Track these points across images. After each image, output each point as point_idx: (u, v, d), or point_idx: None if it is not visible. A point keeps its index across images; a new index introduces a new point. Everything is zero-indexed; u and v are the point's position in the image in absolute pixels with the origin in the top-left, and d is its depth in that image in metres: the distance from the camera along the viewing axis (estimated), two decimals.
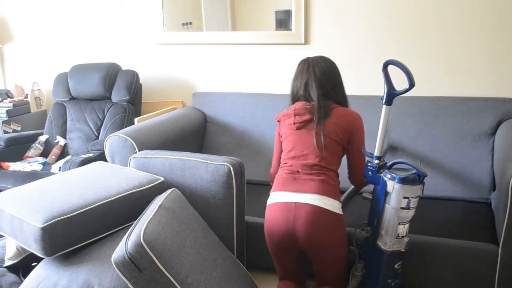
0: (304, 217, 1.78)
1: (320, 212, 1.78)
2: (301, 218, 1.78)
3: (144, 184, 1.97)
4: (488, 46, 2.56)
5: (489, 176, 2.36)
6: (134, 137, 2.38)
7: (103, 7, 3.38)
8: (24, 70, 3.74)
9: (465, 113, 2.47)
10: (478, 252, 1.90)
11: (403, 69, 1.81)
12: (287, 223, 1.80)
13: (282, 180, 1.91)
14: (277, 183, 1.92)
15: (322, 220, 1.78)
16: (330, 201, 1.82)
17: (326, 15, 2.83)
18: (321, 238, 1.79)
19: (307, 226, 1.77)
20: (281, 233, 1.83)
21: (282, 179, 1.91)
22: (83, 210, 1.74)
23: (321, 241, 1.80)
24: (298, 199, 1.81)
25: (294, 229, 1.79)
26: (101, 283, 1.60)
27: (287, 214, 1.80)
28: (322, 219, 1.78)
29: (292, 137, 1.96)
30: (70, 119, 3.24)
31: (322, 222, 1.78)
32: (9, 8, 3.65)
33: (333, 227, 1.80)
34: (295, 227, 1.79)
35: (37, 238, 1.64)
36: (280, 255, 1.93)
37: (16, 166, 2.95)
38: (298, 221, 1.78)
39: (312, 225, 1.77)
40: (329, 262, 1.86)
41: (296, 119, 1.95)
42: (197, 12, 3.15)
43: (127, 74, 3.16)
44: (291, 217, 1.79)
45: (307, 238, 1.79)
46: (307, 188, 1.84)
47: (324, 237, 1.79)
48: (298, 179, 1.87)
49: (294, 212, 1.80)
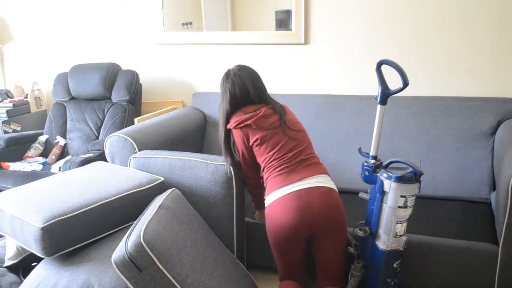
0: (319, 200, 1.81)
1: (331, 193, 1.85)
2: (316, 201, 1.80)
3: (144, 184, 1.97)
4: (488, 46, 2.56)
5: (489, 176, 2.36)
6: (134, 137, 2.38)
7: (103, 7, 3.38)
8: (24, 70, 3.74)
9: (465, 113, 2.47)
10: (478, 252, 1.90)
11: (396, 68, 1.82)
12: (302, 210, 1.80)
13: (280, 177, 1.89)
14: (274, 182, 1.90)
15: (334, 199, 1.85)
16: (330, 180, 1.92)
17: (326, 15, 2.83)
18: (336, 217, 1.84)
19: (324, 207, 1.81)
20: (295, 224, 1.81)
21: (277, 176, 1.90)
22: (83, 210, 1.74)
23: (336, 220, 1.85)
24: (307, 184, 1.83)
25: (310, 214, 1.80)
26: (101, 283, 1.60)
27: (301, 201, 1.81)
28: (334, 199, 1.85)
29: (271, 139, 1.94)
30: (70, 119, 3.24)
31: (335, 202, 1.85)
32: (9, 8, 3.65)
33: (341, 205, 1.88)
34: (312, 212, 1.80)
35: (37, 238, 1.64)
36: (287, 251, 1.91)
37: (16, 166, 2.95)
38: (314, 205, 1.80)
39: (328, 206, 1.82)
40: (339, 247, 1.90)
41: (270, 120, 1.94)
42: (197, 12, 3.15)
43: (127, 74, 3.16)
44: (306, 203, 1.80)
45: (325, 219, 1.82)
46: (310, 172, 1.87)
47: (338, 216, 1.85)
48: (296, 169, 1.89)
49: (307, 197, 1.81)
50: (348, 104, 2.69)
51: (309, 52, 2.92)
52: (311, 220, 1.81)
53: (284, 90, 3.02)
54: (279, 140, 1.93)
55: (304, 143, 1.95)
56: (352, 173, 2.56)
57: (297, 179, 1.86)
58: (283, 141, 1.92)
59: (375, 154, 1.93)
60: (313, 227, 1.83)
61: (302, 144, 1.94)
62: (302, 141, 1.95)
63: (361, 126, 2.62)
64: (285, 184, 1.86)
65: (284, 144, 1.92)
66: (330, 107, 2.73)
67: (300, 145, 1.94)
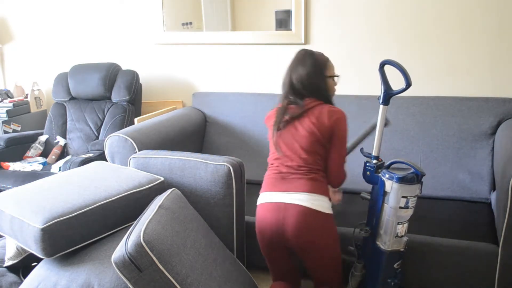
0: (293, 219, 1.77)
1: (309, 213, 1.77)
2: (290, 219, 1.77)
3: (144, 184, 1.97)
4: (488, 46, 2.56)
5: (489, 176, 2.36)
6: (134, 137, 2.38)
7: (103, 7, 3.38)
8: (24, 70, 3.74)
9: (465, 113, 2.47)
10: (478, 252, 1.90)
11: (399, 68, 1.81)
12: (277, 223, 1.80)
13: (270, 180, 1.90)
14: (265, 184, 1.92)
15: (311, 221, 1.77)
16: (319, 200, 1.79)
17: (326, 15, 2.83)
18: (310, 238, 1.78)
19: (296, 227, 1.76)
20: (271, 233, 1.83)
21: (270, 179, 1.90)
22: (83, 211, 1.74)
23: (310, 241, 1.79)
24: (287, 199, 1.80)
25: (283, 229, 1.79)
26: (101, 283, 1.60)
27: (277, 214, 1.80)
28: (311, 220, 1.77)
29: (274, 139, 1.92)
30: (70, 119, 3.24)
31: (311, 223, 1.77)
32: (9, 8, 3.65)
33: (322, 227, 1.79)
34: (285, 228, 1.78)
35: (37, 239, 1.64)
36: (272, 255, 1.93)
37: (16, 166, 2.95)
38: (287, 222, 1.78)
39: (301, 227, 1.76)
40: (321, 262, 1.85)
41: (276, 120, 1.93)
42: (197, 12, 3.14)
43: (127, 74, 3.16)
44: (281, 217, 1.79)
45: (297, 239, 1.78)
46: (295, 187, 1.82)
47: (313, 238, 1.79)
48: (287, 178, 1.85)
49: (283, 212, 1.79)
50: (348, 104, 2.69)
51: None
52: (284, 237, 1.80)
53: None
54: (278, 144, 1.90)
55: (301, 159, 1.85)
56: (352, 173, 2.56)
57: (282, 189, 1.83)
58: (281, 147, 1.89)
59: (377, 154, 1.93)
60: (288, 243, 1.82)
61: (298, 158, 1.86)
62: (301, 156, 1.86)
63: (361, 126, 2.62)
64: (271, 189, 1.86)
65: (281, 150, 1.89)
66: None
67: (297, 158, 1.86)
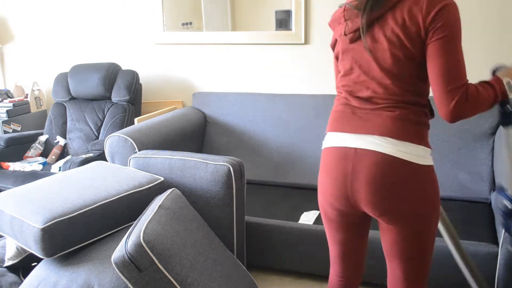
0: (367, 172, 1.26)
1: (391, 164, 1.24)
2: (363, 173, 1.26)
3: (144, 184, 1.97)
4: (488, 46, 2.56)
5: (489, 176, 2.36)
6: (134, 137, 2.38)
7: (103, 7, 3.38)
8: (24, 70, 3.74)
9: None
10: (478, 252, 1.90)
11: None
12: (345, 179, 1.30)
13: (338, 114, 1.38)
14: (332, 118, 1.40)
15: (395, 175, 1.24)
16: (409, 146, 1.25)
17: (326, 15, 2.83)
18: (394, 204, 1.27)
19: (371, 185, 1.26)
20: (336, 193, 1.34)
21: (337, 112, 1.38)
22: (83, 211, 1.74)
23: (394, 208, 1.27)
24: (359, 143, 1.28)
25: (352, 188, 1.30)
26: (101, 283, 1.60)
27: (344, 165, 1.30)
28: (395, 173, 1.24)
29: (343, 55, 1.38)
30: (70, 119, 3.24)
31: (394, 179, 1.24)
32: (9, 8, 3.65)
33: (412, 185, 1.25)
34: (354, 185, 1.29)
35: (37, 239, 1.64)
36: (335, 225, 1.43)
37: (16, 166, 2.95)
38: (359, 177, 1.27)
39: (379, 184, 1.25)
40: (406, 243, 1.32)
41: (348, 26, 1.33)
42: (197, 12, 3.15)
43: (127, 74, 3.17)
44: (349, 169, 1.29)
45: (373, 205, 1.28)
46: (371, 126, 1.28)
47: (399, 203, 1.26)
48: (359, 114, 1.32)
49: (353, 162, 1.28)
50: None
51: (309, 52, 2.92)
52: (356, 199, 1.31)
53: (284, 90, 3.02)
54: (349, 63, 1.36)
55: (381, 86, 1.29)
56: None
57: (352, 129, 1.31)
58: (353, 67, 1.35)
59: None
60: (358, 205, 1.33)
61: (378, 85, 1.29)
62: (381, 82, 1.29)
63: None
64: (338, 129, 1.35)
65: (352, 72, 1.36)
66: (330, 107, 2.72)
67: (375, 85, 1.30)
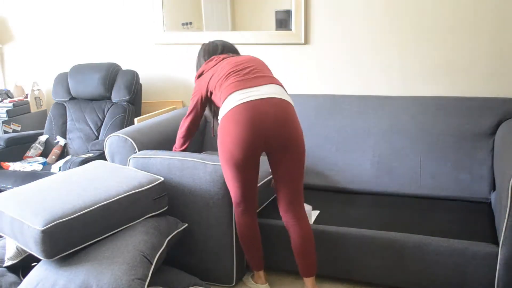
0: (273, 111, 1.79)
1: (285, 104, 1.84)
2: (270, 112, 1.78)
3: (144, 184, 1.97)
4: (488, 46, 2.56)
5: (489, 176, 2.35)
6: (134, 137, 2.38)
7: (103, 7, 3.38)
8: (24, 70, 3.74)
9: (465, 113, 2.46)
10: (478, 252, 1.90)
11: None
12: (255, 121, 1.77)
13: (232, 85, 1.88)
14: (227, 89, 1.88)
15: (290, 112, 1.84)
16: (287, 94, 1.92)
17: (326, 15, 2.83)
18: (293, 131, 1.83)
19: (278, 119, 1.78)
20: (248, 136, 1.78)
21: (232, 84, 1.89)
22: (83, 212, 1.73)
23: (294, 134, 1.83)
24: (258, 96, 1.80)
25: (264, 125, 1.77)
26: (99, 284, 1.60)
27: (252, 113, 1.78)
28: (290, 111, 1.84)
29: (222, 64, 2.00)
30: (70, 119, 3.24)
31: (290, 114, 1.84)
32: (9, 8, 3.65)
33: (297, 119, 1.88)
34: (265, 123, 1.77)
35: (37, 241, 1.64)
36: (241, 168, 1.85)
37: (16, 166, 2.95)
38: (268, 116, 1.78)
39: (283, 118, 1.80)
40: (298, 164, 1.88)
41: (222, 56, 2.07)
42: (197, 12, 3.14)
43: (127, 74, 3.16)
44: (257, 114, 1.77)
45: (281, 133, 1.79)
46: (262, 81, 1.87)
47: (295, 131, 1.84)
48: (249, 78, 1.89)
49: (258, 109, 1.78)
50: (348, 104, 2.69)
51: (309, 52, 2.92)
52: (265, 133, 1.78)
53: None
54: (228, 62, 1.98)
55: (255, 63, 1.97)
56: (351, 173, 2.56)
57: (248, 86, 1.83)
58: (231, 62, 1.97)
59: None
60: (268, 140, 1.80)
61: (253, 63, 1.97)
62: (253, 61, 1.98)
63: (361, 126, 2.62)
64: (236, 89, 1.84)
65: (232, 63, 1.96)
66: (330, 107, 2.72)
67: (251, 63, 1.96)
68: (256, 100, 1.79)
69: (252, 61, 1.98)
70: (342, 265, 2.13)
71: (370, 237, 2.05)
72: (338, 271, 2.16)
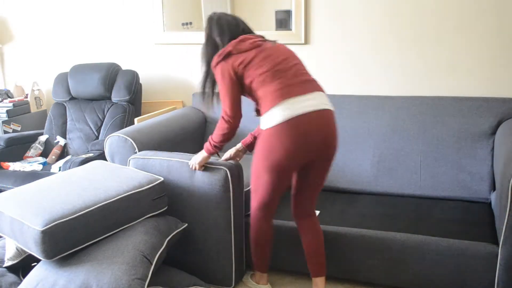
0: (332, 122, 1.83)
1: (330, 115, 1.86)
2: (331, 124, 1.83)
3: (144, 184, 1.97)
4: (488, 46, 2.56)
5: (489, 176, 2.35)
6: (134, 137, 2.38)
7: (103, 7, 3.38)
8: (24, 70, 3.74)
9: (465, 113, 2.46)
10: (478, 252, 1.90)
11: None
12: (326, 135, 1.80)
13: (278, 92, 1.80)
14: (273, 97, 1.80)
15: (334, 124, 1.87)
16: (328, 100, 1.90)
17: (326, 15, 2.83)
18: (335, 143, 1.87)
19: (323, 133, 1.80)
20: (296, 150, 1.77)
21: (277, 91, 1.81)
22: (83, 212, 1.73)
23: (334, 146, 1.87)
24: (306, 107, 1.77)
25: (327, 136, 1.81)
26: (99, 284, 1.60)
27: (301, 129, 1.76)
28: (333, 123, 1.87)
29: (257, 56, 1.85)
30: (70, 119, 3.24)
31: (334, 127, 1.87)
32: (9, 8, 3.65)
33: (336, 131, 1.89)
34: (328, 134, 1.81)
35: (37, 241, 1.64)
36: (282, 175, 1.85)
37: (16, 166, 2.95)
38: (330, 127, 1.82)
39: (328, 131, 1.82)
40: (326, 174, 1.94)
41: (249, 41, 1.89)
42: (197, 12, 3.14)
43: (127, 74, 3.16)
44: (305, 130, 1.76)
45: (324, 145, 1.82)
46: (308, 88, 1.82)
47: (335, 142, 1.88)
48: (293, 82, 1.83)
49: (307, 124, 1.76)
50: (348, 104, 2.69)
51: (309, 52, 2.92)
52: (316, 148, 1.80)
53: None
54: (268, 54, 1.85)
55: (295, 59, 1.91)
56: (351, 173, 2.56)
57: (297, 93, 1.78)
58: (273, 55, 1.86)
59: None
60: (316, 153, 1.82)
61: (294, 59, 1.90)
62: (293, 57, 1.91)
63: (361, 126, 2.62)
64: (286, 97, 1.77)
65: (274, 57, 1.85)
66: None
67: (292, 59, 1.89)
68: (310, 113, 1.77)
69: (293, 56, 1.91)
70: (342, 265, 2.13)
71: (370, 237, 2.05)
72: (338, 271, 2.16)
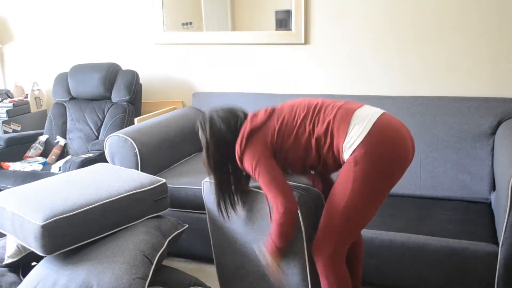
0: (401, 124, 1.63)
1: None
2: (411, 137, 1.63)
3: (146, 185, 1.97)
4: (488, 46, 2.56)
5: (489, 176, 2.36)
6: (134, 137, 2.39)
7: (103, 7, 3.38)
8: (24, 70, 3.74)
9: (465, 113, 2.47)
10: (478, 252, 1.90)
11: None
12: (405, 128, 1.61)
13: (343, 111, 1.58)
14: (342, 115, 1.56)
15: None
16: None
17: (326, 15, 2.83)
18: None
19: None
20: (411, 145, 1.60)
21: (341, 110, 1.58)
22: (83, 209, 1.74)
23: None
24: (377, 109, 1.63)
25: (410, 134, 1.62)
26: (100, 283, 1.60)
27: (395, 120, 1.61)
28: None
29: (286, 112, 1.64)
30: (70, 119, 3.24)
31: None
32: (9, 8, 3.65)
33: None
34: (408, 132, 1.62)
35: (37, 236, 1.64)
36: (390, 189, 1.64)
37: (16, 166, 2.95)
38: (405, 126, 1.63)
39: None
40: None
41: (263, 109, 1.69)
42: (197, 12, 3.15)
43: (127, 74, 3.16)
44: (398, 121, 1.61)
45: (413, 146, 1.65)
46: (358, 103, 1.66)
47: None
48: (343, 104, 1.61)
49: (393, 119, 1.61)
50: None
51: (309, 52, 2.92)
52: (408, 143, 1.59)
53: (284, 90, 3.02)
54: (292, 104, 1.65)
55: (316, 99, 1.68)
56: None
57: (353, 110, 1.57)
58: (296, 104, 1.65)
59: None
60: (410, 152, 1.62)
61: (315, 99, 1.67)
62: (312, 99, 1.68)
63: None
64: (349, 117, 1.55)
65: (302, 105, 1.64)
66: None
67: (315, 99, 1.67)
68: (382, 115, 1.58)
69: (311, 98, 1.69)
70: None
71: (371, 237, 2.05)
72: None
